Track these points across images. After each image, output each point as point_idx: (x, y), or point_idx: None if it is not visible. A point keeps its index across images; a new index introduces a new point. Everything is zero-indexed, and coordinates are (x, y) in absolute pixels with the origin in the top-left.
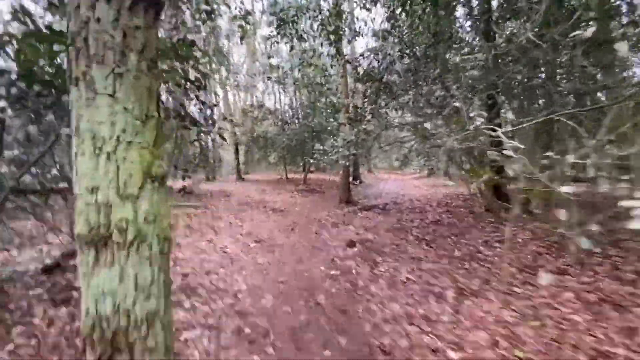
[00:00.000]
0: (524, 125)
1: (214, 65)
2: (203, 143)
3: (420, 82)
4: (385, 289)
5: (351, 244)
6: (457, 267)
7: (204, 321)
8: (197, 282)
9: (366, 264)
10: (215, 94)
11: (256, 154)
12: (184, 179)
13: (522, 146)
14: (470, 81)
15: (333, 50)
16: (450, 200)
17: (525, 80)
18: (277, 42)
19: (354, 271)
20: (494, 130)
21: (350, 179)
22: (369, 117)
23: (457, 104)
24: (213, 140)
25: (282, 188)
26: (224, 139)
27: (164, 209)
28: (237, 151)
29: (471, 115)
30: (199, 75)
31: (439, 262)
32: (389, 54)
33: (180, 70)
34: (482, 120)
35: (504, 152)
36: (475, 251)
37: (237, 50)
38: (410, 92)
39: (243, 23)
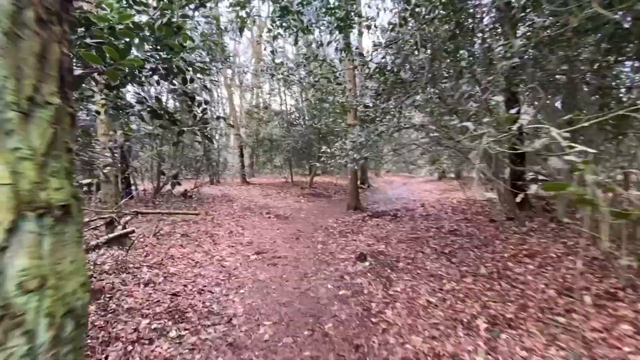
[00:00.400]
0: (586, 123)
1: (218, 64)
2: (206, 145)
3: (446, 75)
4: (403, 315)
5: (362, 257)
6: (484, 287)
7: (190, 357)
8: (187, 304)
9: (379, 282)
10: (205, 87)
11: (261, 157)
12: (173, 186)
13: (593, 151)
14: (506, 74)
15: (342, 43)
16: (466, 207)
17: (560, 73)
18: (281, 35)
19: (365, 291)
20: (528, 130)
21: (358, 182)
22: (380, 117)
23: (498, 99)
24: (206, 140)
25: (288, 192)
26: (210, 140)
27: (71, 262)
28: (241, 154)
29: (511, 111)
30: (184, 67)
31: (463, 281)
32: (407, 45)
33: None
34: (529, 118)
35: (567, 157)
36: (503, 268)
37: (244, 49)
38: (428, 89)
39: (243, 13)
